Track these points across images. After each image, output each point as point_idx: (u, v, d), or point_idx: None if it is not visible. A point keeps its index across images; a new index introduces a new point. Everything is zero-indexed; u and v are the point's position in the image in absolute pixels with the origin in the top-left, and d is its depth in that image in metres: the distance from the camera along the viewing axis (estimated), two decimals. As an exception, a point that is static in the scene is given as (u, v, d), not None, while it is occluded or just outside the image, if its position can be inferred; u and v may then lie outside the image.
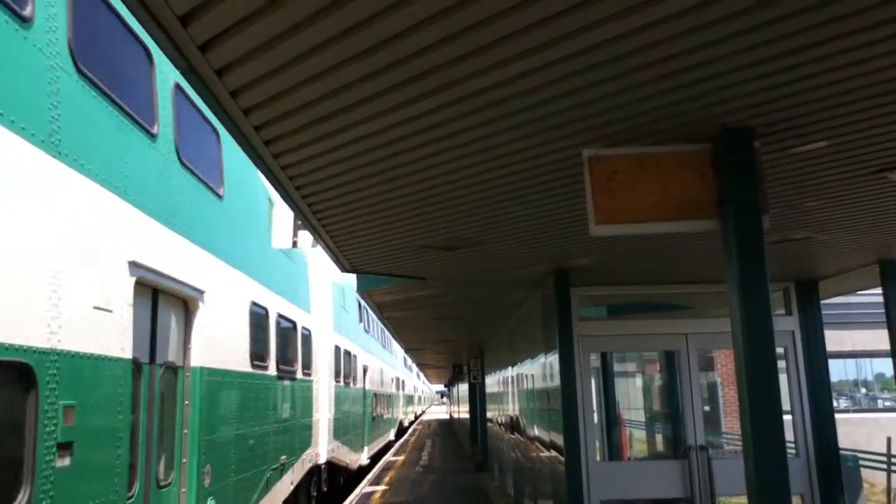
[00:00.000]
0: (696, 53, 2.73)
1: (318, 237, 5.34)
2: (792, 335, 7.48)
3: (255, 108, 3.10)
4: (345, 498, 14.86)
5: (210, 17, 2.45)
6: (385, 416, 26.12)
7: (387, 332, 19.07)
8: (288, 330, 10.47)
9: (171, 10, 2.41)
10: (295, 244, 9.80)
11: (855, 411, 24.25)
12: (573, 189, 4.22)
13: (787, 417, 6.92)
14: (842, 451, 7.43)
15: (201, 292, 6.77)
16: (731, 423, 12.44)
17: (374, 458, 21.78)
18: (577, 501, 6.73)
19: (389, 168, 3.86)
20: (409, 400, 44.69)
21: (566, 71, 2.83)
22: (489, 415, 19.02)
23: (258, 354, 8.70)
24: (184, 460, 6.45)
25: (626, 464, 9.10)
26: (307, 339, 11.85)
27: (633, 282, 7.47)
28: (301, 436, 11.23)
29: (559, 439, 7.09)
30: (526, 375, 10.11)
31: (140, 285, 5.51)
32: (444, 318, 11.37)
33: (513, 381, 12.19)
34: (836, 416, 7.44)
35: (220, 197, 7.61)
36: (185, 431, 6.49)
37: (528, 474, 10.10)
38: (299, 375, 11.06)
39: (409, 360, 32.59)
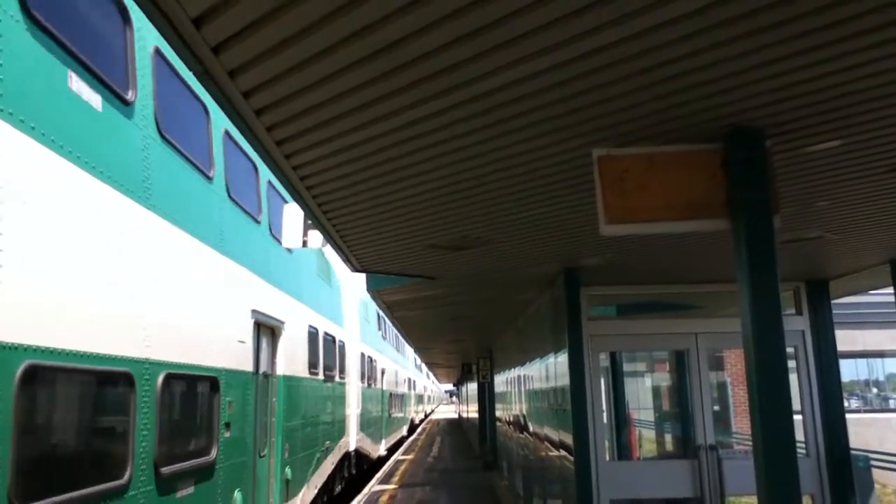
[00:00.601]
0: (707, 54, 2.73)
1: (329, 237, 5.36)
2: (802, 335, 7.45)
3: (267, 109, 3.13)
4: (364, 484, 17.10)
5: (223, 20, 2.47)
6: (399, 414, 29.85)
7: (400, 338, 22.00)
8: (330, 343, 13.06)
9: (184, 12, 2.43)
10: (305, 244, 9.99)
11: (866, 411, 24.13)
12: (583, 189, 4.22)
13: (797, 417, 6.91)
14: (853, 451, 7.40)
15: (283, 322, 9.41)
16: (740, 422, 12.41)
17: (391, 451, 25.08)
18: (586, 501, 6.73)
19: (400, 168, 3.87)
20: (420, 399, 49.22)
21: (576, 72, 2.84)
22: (498, 414, 19.03)
23: (312, 364, 11.27)
24: (273, 439, 9.04)
25: (636, 463, 9.09)
26: (342, 349, 14.55)
27: (642, 281, 7.46)
28: (338, 427, 13.91)
29: (568, 439, 7.09)
30: (535, 375, 10.11)
31: (254, 323, 8.16)
32: (453, 318, 11.39)
33: (522, 381, 12.19)
34: (848, 416, 7.41)
35: (289, 252, 10.24)
36: (273, 420, 9.02)
37: (537, 473, 10.11)
38: (337, 379, 13.73)
39: (419, 361, 35.02)
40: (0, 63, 3.77)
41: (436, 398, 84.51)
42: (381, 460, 21.90)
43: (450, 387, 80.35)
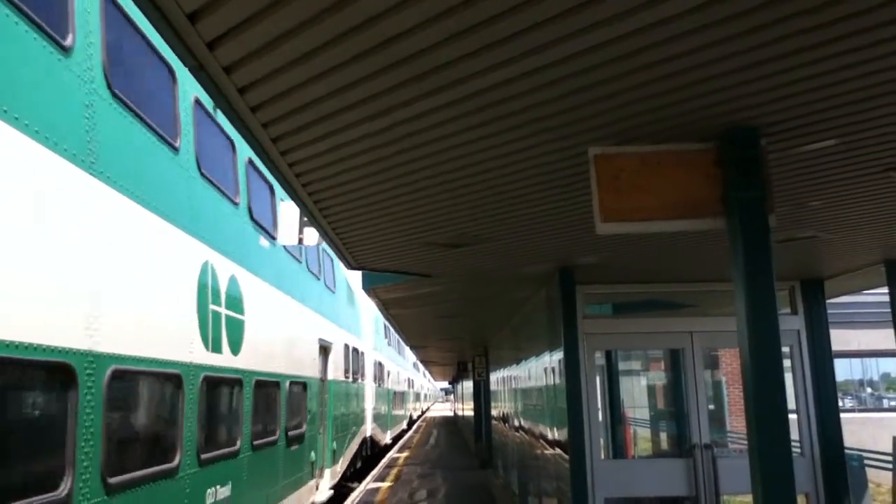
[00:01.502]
0: (702, 52, 2.73)
1: (325, 234, 5.35)
2: (797, 334, 7.46)
3: (263, 106, 3.12)
4: (377, 462, 21.55)
5: (218, 15, 2.47)
6: (401, 410, 35.06)
7: (401, 342, 24.84)
8: (355, 354, 17.17)
9: (179, 7, 2.42)
10: (301, 241, 9.97)
11: (860, 411, 24.18)
12: (579, 187, 4.22)
13: (792, 416, 6.91)
14: (847, 451, 7.42)
15: (331, 343, 13.33)
16: (735, 421, 12.43)
17: (394, 440, 30.10)
18: (581, 499, 6.74)
19: (395, 165, 3.87)
20: (417, 397, 55.45)
21: (571, 70, 2.84)
22: (493, 412, 19.04)
23: (345, 370, 15.48)
24: (326, 423, 12.94)
25: (631, 462, 9.10)
26: (362, 357, 18.91)
27: (638, 280, 7.46)
28: (360, 417, 18.37)
29: (564, 437, 7.10)
30: (530, 373, 10.12)
31: (319, 346, 12.02)
32: (448, 316, 11.39)
33: (517, 379, 12.20)
34: (842, 415, 7.42)
35: (333, 292, 14.26)
36: (325, 410, 12.79)
37: (532, 472, 10.12)
38: (359, 381, 18.16)
39: (416, 361, 37.94)
40: (94, 125, 4.73)
41: (431, 396, 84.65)
42: (387, 448, 25.98)
43: (445, 385, 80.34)
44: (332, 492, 13.02)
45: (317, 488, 12.03)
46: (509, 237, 5.52)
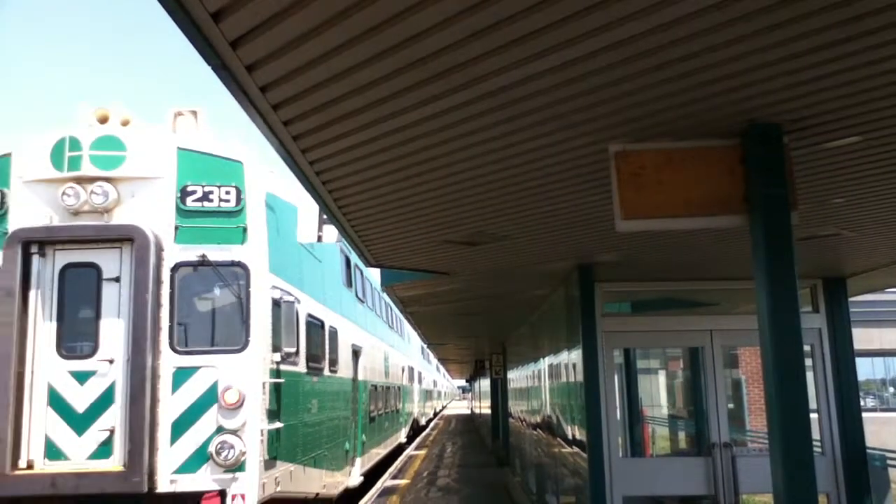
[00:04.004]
0: (724, 50, 2.71)
1: (344, 232, 5.38)
2: (819, 333, 7.39)
3: (284, 104, 3.14)
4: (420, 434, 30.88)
5: (241, 14, 2.48)
6: (430, 402, 46.62)
7: (426, 347, 30.00)
8: (391, 360, 21.48)
9: (203, 6, 2.44)
10: (320, 238, 10.01)
11: (882, 410, 23.92)
12: (599, 184, 4.21)
13: (813, 416, 6.86)
14: (869, 450, 7.35)
15: (361, 347, 15.33)
16: (755, 421, 12.34)
17: (428, 424, 41.15)
18: (599, 497, 6.72)
19: (415, 164, 3.88)
20: (439, 395, 62.96)
21: (593, 67, 2.83)
22: (511, 410, 19.03)
23: (383, 373, 19.45)
24: (357, 416, 14.69)
25: (649, 460, 9.07)
26: (408, 368, 26.46)
27: (657, 278, 7.43)
28: (407, 408, 26.47)
29: (582, 435, 7.09)
30: (549, 371, 10.10)
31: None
32: (466, 314, 11.40)
33: (535, 377, 12.18)
34: (864, 414, 7.35)
35: (371, 308, 17.81)
36: (356, 406, 14.44)
37: (550, 470, 10.10)
38: (405, 384, 25.35)
39: (438, 362, 44.00)
40: (330, 292, 12.14)
41: (448, 394, 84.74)
42: (420, 430, 34.82)
43: (462, 383, 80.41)
44: (362, 478, 14.23)
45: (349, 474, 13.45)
46: (529, 234, 5.52)
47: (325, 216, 5.61)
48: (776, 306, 3.41)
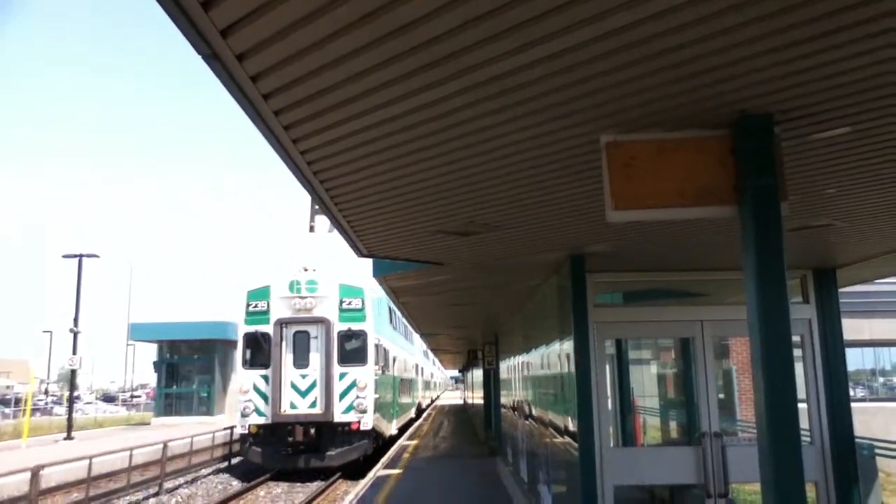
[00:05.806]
0: (715, 40, 2.72)
1: (336, 222, 5.37)
2: (809, 323, 7.42)
3: (274, 93, 3.13)
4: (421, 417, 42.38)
5: (232, 3, 2.47)
6: (428, 391, 56.87)
7: (426, 346, 36.49)
8: (408, 361, 33.03)
9: (193, -6, 2.43)
10: (312, 229, 10.02)
11: (872, 400, 24.10)
12: (591, 174, 4.21)
13: (802, 406, 6.89)
14: (858, 440, 7.40)
15: (396, 356, 27.03)
16: (746, 410, 12.42)
17: (427, 406, 54.61)
18: (590, 487, 6.76)
19: (406, 153, 3.87)
20: (435, 385, 71.81)
21: (584, 57, 2.83)
22: (503, 400, 19.09)
23: (403, 370, 30.91)
24: (394, 395, 26.75)
25: (640, 450, 9.12)
26: (415, 365, 38.83)
27: (649, 268, 7.45)
28: (416, 394, 40.58)
29: (573, 425, 7.12)
30: (540, 361, 10.13)
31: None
32: (459, 304, 11.41)
33: (527, 367, 12.22)
34: (853, 404, 7.40)
35: (395, 328, 28.13)
36: (394, 390, 26.00)
37: (541, 459, 10.15)
38: (412, 377, 36.87)
39: (431, 355, 49.08)
40: (385, 329, 24.86)
41: (442, 384, 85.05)
42: (418, 415, 42.53)
43: (455, 373, 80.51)
44: (396, 431, 26.62)
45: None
46: (521, 225, 5.52)
47: (317, 206, 5.61)
48: (765, 296, 3.43)
